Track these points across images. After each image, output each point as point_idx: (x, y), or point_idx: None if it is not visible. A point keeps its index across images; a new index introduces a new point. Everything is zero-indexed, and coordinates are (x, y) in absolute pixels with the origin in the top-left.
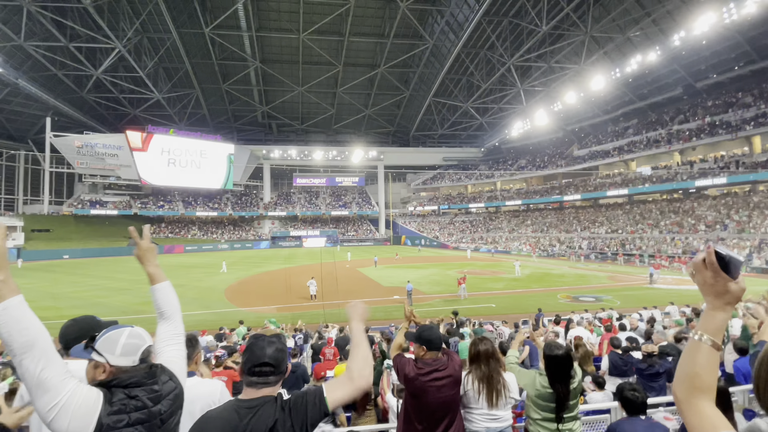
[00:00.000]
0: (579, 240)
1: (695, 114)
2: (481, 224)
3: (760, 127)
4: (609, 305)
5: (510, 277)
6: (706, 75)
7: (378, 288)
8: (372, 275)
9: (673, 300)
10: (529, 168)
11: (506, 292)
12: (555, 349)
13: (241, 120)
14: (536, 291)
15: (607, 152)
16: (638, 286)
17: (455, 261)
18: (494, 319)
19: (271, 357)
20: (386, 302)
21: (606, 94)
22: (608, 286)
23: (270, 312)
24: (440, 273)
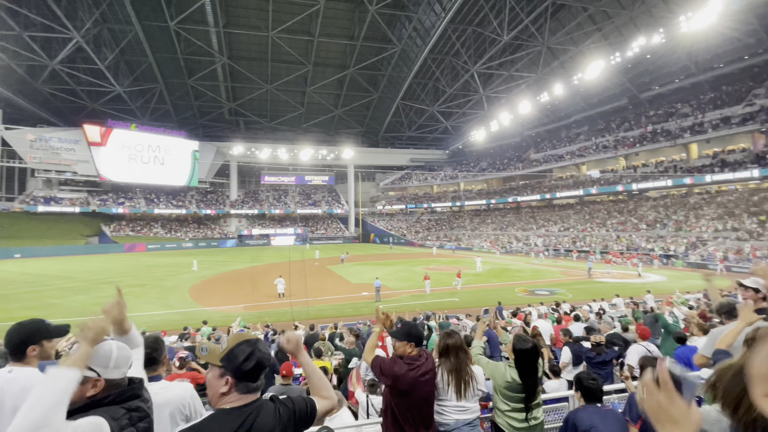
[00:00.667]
0: (535, 237)
1: (639, 122)
2: (445, 223)
3: (697, 135)
4: (562, 298)
5: (472, 272)
6: (649, 87)
7: (347, 285)
8: (341, 272)
9: (618, 292)
10: (489, 170)
11: (468, 287)
12: (524, 342)
13: (208, 116)
14: (496, 285)
15: (561, 156)
16: (587, 280)
17: (422, 258)
18: (458, 313)
19: (270, 361)
20: (355, 299)
21: (560, 102)
22: (561, 280)
23: (236, 311)
24: (407, 270)
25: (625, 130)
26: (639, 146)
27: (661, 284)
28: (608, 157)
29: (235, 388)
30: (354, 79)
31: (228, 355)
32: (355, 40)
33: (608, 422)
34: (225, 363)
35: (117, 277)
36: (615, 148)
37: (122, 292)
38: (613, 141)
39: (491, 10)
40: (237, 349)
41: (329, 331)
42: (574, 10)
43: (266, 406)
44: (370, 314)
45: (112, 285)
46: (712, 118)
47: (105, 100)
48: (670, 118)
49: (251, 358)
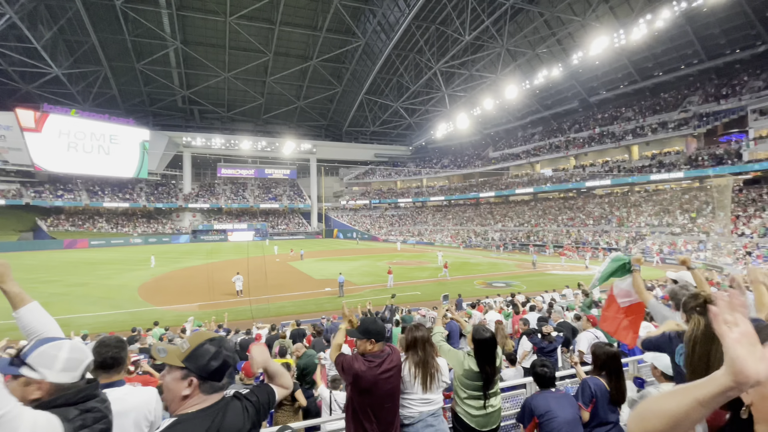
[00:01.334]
0: (492, 232)
1: (588, 125)
2: (408, 218)
3: (638, 138)
4: (517, 290)
5: (434, 266)
6: (597, 91)
7: (309, 281)
8: (303, 268)
9: (568, 284)
10: (451, 167)
11: (430, 280)
12: (483, 332)
13: (159, 104)
14: (456, 278)
15: (517, 155)
16: (540, 273)
17: (386, 253)
18: (419, 306)
19: (235, 359)
20: (318, 295)
21: (517, 103)
22: (516, 272)
23: (190, 310)
24: (371, 264)
25: (576, 131)
26: (587, 147)
27: None
28: (560, 157)
29: (200, 389)
30: (317, 70)
31: (191, 355)
32: (318, 30)
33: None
34: (189, 364)
35: (55, 276)
36: (566, 148)
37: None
38: (565, 141)
39: (454, 9)
40: (201, 348)
41: (291, 328)
42: (531, 15)
43: (232, 404)
44: (334, 310)
45: (48, 285)
46: (651, 122)
47: (41, 82)
48: (615, 121)
49: (217, 357)
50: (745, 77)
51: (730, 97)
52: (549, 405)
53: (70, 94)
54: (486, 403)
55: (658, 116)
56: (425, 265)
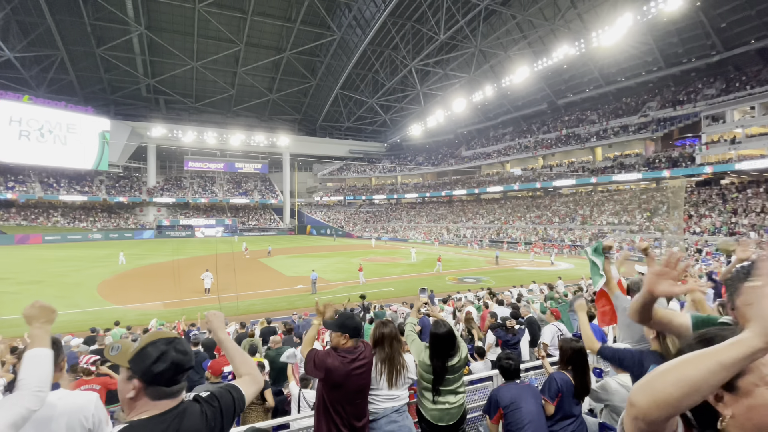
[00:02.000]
0: (464, 229)
1: (555, 126)
2: (383, 214)
3: (601, 140)
4: (487, 285)
5: (407, 262)
6: (564, 94)
7: (281, 278)
8: (275, 265)
9: (535, 279)
10: (425, 165)
11: (403, 276)
12: (440, 327)
13: (121, 92)
14: (429, 275)
15: (489, 154)
16: (508, 268)
17: (360, 249)
18: (393, 302)
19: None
20: (290, 292)
21: (489, 104)
22: (486, 269)
23: (155, 309)
24: (344, 261)
25: (544, 132)
26: (555, 148)
27: (570, 271)
28: (529, 157)
29: (145, 394)
30: (291, 63)
31: (137, 355)
32: (292, 22)
33: (526, 397)
34: (133, 365)
35: (5, 273)
36: (535, 148)
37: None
38: (534, 142)
39: (429, 7)
40: (149, 348)
41: (259, 326)
42: (504, 17)
43: (190, 410)
44: (306, 307)
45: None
46: (614, 125)
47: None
48: (580, 123)
49: (163, 359)
50: (699, 85)
51: (685, 103)
52: (513, 396)
53: (23, 80)
54: (435, 398)
55: (620, 120)
56: (399, 262)
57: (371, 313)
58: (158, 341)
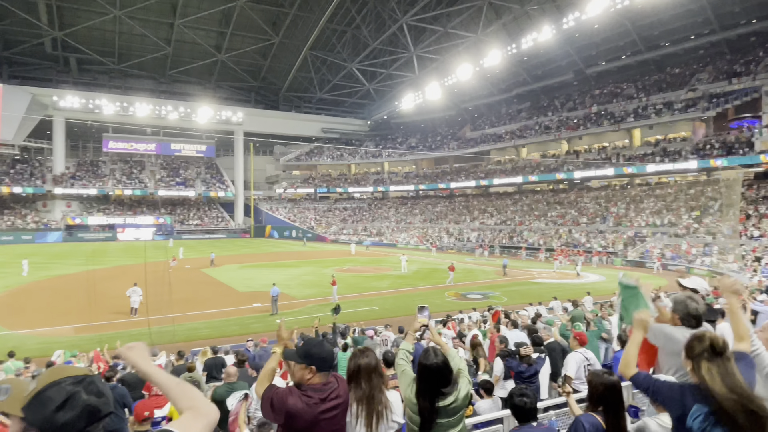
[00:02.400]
0: (468, 231)
1: (583, 102)
2: (365, 212)
3: (640, 120)
4: (497, 302)
5: (395, 273)
6: (596, 61)
7: (231, 294)
8: (224, 278)
9: (556, 294)
10: (420, 148)
11: (390, 291)
12: (430, 357)
13: (17, 47)
14: (423, 289)
15: (500, 136)
16: (524, 281)
17: (335, 257)
18: (377, 324)
19: (107, 407)
20: (243, 312)
21: (501, 71)
22: (496, 281)
23: (62, 336)
24: (315, 272)
25: (569, 109)
26: (583, 129)
27: (600, 285)
28: (550, 140)
29: None
30: (245, 14)
31: (34, 399)
32: None
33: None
34: (28, 413)
35: None
36: (558, 129)
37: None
38: (557, 122)
39: None
40: (50, 390)
41: (201, 357)
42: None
43: None
44: (264, 332)
45: None
46: (656, 101)
47: None
48: (614, 98)
49: (71, 405)
50: (761, 52)
51: (743, 75)
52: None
53: None
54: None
55: (663, 95)
56: (385, 273)
57: (348, 339)
58: (63, 381)
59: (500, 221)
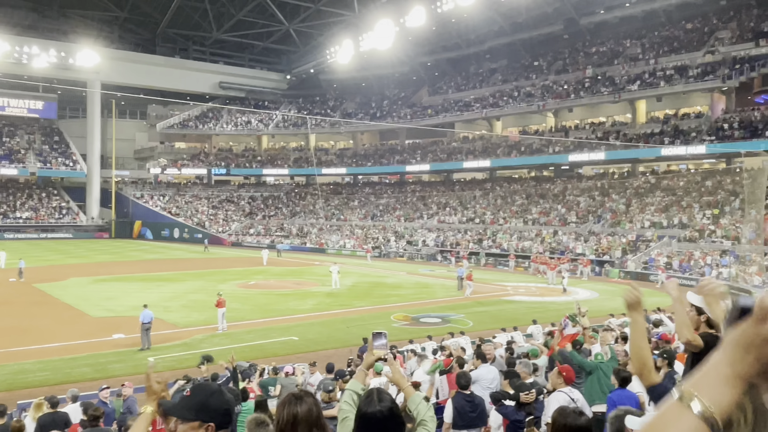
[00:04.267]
0: (425, 232)
1: (575, 62)
2: (282, 204)
3: (647, 88)
4: (460, 327)
5: (324, 290)
6: (592, 9)
7: (81, 321)
8: (70, 297)
9: (536, 317)
10: (359, 116)
11: (317, 315)
12: (374, 402)
13: None
14: (362, 311)
15: (468, 104)
16: (494, 299)
17: (239, 266)
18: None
19: None
20: (98, 346)
21: (470, 15)
22: (458, 299)
23: None
24: (206, 289)
25: (557, 71)
26: (574, 97)
27: (591, 303)
28: (532, 111)
29: None
30: None
31: None
32: None
33: None
34: None
35: None
36: (542, 97)
37: None
38: (541, 87)
39: None
40: None
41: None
42: None
43: None
44: (130, 375)
45: None
46: (666, 65)
47: None
48: (615, 59)
49: None
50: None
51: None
52: None
53: None
54: None
55: (675, 57)
56: (309, 289)
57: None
58: None
59: (466, 219)
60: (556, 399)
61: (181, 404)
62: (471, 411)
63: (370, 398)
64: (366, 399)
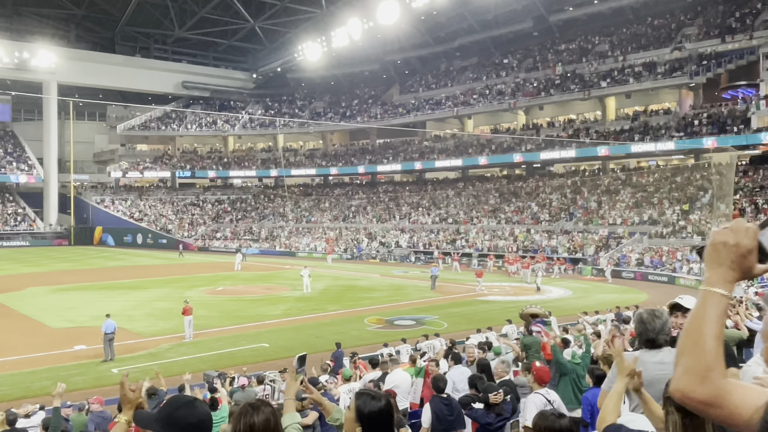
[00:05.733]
0: (397, 233)
1: (545, 59)
2: (251, 207)
3: (616, 85)
4: (434, 329)
5: (295, 295)
6: (561, 6)
7: (40, 332)
8: (27, 307)
9: (511, 317)
10: (329, 116)
11: (288, 320)
12: (373, 400)
13: None
14: (334, 315)
15: (439, 102)
16: (469, 300)
17: (208, 272)
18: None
19: None
20: (59, 359)
21: (440, 12)
22: (432, 300)
23: None
24: (172, 296)
25: (527, 69)
26: (545, 95)
27: (565, 301)
28: (504, 109)
29: None
30: None
31: None
32: None
33: None
34: None
35: None
36: (513, 95)
37: None
38: (512, 85)
39: None
40: None
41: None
42: None
43: None
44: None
45: None
46: (635, 61)
47: None
48: (584, 57)
49: None
50: (758, 4)
51: (738, 32)
52: None
53: None
54: None
55: (643, 54)
56: (280, 294)
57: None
58: None
59: (439, 218)
60: (533, 401)
61: (151, 416)
62: (449, 414)
63: (366, 397)
64: (363, 398)
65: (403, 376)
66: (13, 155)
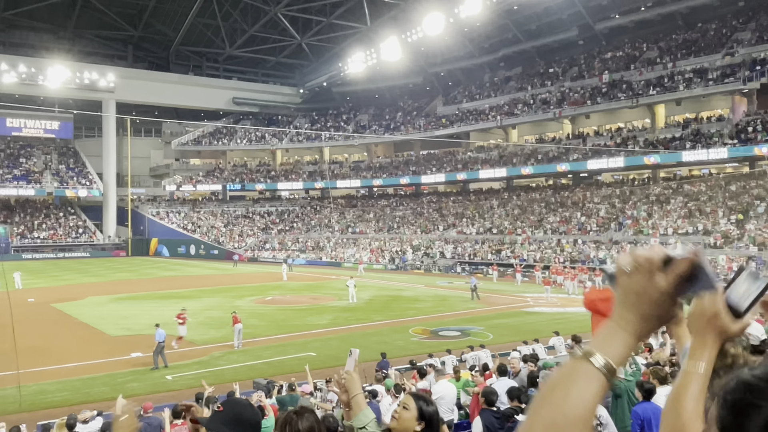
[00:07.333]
0: (442, 244)
1: (591, 68)
2: (298, 218)
3: (666, 93)
4: (480, 340)
5: (341, 305)
6: (607, 14)
7: (98, 340)
8: (87, 316)
9: (558, 329)
10: (373, 129)
11: (334, 330)
12: (429, 404)
13: None
14: (380, 325)
15: (482, 112)
16: (514, 311)
17: (256, 282)
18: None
19: None
20: (116, 366)
21: (483, 24)
22: (477, 311)
23: None
24: (224, 306)
25: (573, 78)
26: (591, 104)
27: None
28: (549, 119)
29: None
30: None
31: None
32: None
33: None
34: None
35: None
36: (559, 105)
37: None
38: (557, 94)
39: None
40: None
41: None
42: None
43: None
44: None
45: None
46: (684, 68)
47: None
48: (632, 64)
49: None
50: None
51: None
52: None
53: None
54: None
55: (693, 60)
56: (326, 304)
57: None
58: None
59: (483, 229)
60: None
61: (216, 418)
62: (500, 428)
63: (422, 400)
64: (421, 402)
65: (448, 387)
66: (75, 170)
